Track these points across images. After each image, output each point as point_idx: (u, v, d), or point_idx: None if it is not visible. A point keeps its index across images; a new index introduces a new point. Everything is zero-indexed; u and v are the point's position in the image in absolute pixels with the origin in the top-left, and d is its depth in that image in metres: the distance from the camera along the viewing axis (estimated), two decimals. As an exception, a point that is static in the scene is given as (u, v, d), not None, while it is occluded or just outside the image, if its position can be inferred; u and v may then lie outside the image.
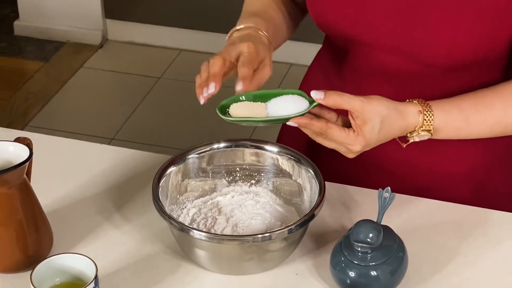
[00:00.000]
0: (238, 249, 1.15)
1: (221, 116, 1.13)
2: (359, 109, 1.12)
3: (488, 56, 1.25)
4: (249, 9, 1.35)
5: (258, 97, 1.15)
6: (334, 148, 1.16)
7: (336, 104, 1.12)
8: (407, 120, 1.18)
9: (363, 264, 1.12)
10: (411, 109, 1.18)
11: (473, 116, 1.22)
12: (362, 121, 1.13)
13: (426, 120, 1.19)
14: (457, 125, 1.22)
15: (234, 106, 1.14)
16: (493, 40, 1.23)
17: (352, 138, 1.13)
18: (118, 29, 3.46)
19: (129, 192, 1.34)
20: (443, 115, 1.20)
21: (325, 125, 1.12)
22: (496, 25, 1.22)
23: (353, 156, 1.17)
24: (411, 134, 1.20)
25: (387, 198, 1.18)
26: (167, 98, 3.15)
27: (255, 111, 1.13)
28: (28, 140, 1.18)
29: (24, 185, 1.16)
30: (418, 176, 1.36)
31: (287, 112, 1.12)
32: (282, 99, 1.14)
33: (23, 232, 1.17)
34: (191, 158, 1.27)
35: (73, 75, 3.28)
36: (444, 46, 1.22)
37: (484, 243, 1.24)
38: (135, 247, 1.23)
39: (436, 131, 1.20)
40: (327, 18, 1.30)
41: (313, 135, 1.14)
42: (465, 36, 1.21)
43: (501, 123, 1.23)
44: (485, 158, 1.36)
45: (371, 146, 1.16)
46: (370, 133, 1.14)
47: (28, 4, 3.46)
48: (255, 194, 1.28)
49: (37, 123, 3.00)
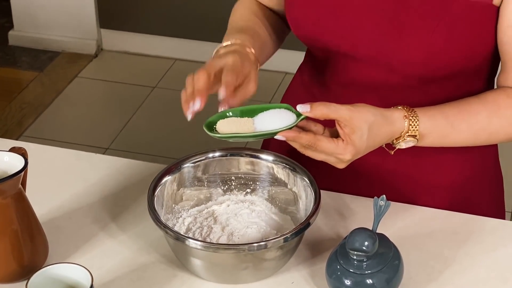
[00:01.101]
0: (234, 258, 1.15)
1: (208, 133, 1.13)
2: (347, 117, 1.13)
3: (466, 66, 1.26)
4: (234, 26, 1.35)
5: (245, 113, 1.16)
6: (324, 159, 1.15)
7: (324, 114, 1.12)
8: (393, 126, 1.18)
9: (359, 272, 1.12)
10: (397, 115, 1.19)
11: (458, 123, 1.23)
12: (350, 130, 1.13)
13: (412, 125, 1.19)
14: (442, 132, 1.22)
15: (221, 122, 1.14)
16: (469, 51, 1.23)
17: (341, 147, 1.13)
18: (113, 39, 3.47)
19: (124, 202, 1.34)
20: (428, 121, 1.21)
21: (314, 137, 1.12)
22: (473, 37, 1.22)
23: (343, 166, 1.16)
24: (397, 141, 1.20)
25: (383, 206, 1.18)
26: (161, 108, 3.16)
27: (242, 126, 1.13)
28: (23, 150, 1.18)
29: (19, 195, 1.16)
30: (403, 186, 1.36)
31: (274, 127, 1.12)
32: (269, 114, 1.15)
33: (18, 242, 1.16)
34: (186, 167, 1.27)
35: (68, 85, 3.29)
36: (420, 58, 1.23)
37: (479, 251, 1.25)
38: (130, 257, 1.23)
39: (422, 137, 1.21)
40: (306, 29, 1.30)
41: (302, 149, 1.14)
42: (441, 47, 1.22)
43: (485, 130, 1.24)
44: (463, 170, 1.37)
45: (360, 154, 1.16)
46: (359, 141, 1.14)
47: (23, 14, 3.47)
48: (251, 203, 1.28)
49: (32, 133, 3.00)
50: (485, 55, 1.26)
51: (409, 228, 1.28)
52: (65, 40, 3.46)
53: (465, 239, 1.27)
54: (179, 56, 3.42)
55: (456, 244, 1.26)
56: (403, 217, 1.30)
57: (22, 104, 3.17)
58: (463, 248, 1.25)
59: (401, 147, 1.21)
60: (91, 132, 3.01)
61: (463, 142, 1.25)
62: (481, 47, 1.24)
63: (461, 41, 1.22)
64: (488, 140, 1.26)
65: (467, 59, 1.24)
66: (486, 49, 1.25)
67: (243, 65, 1.20)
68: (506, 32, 1.22)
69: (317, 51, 1.35)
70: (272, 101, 3.08)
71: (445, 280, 1.20)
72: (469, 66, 1.26)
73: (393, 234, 1.22)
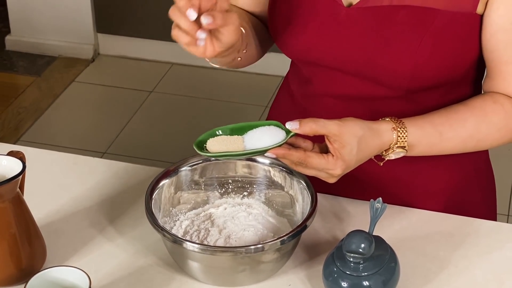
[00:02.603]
0: (231, 260, 1.15)
1: (198, 152, 1.14)
2: (337, 132, 1.13)
3: (453, 75, 1.26)
4: None
5: (234, 131, 1.16)
6: (315, 175, 1.16)
7: (313, 130, 1.13)
8: (382, 138, 1.19)
9: (356, 274, 1.12)
10: (385, 127, 1.19)
11: (446, 131, 1.23)
12: (340, 145, 1.14)
13: (400, 136, 1.20)
14: (431, 141, 1.23)
15: (211, 141, 1.15)
16: (455, 60, 1.24)
17: (332, 163, 1.14)
18: (109, 43, 3.47)
19: (122, 205, 1.34)
20: (416, 131, 1.21)
21: (304, 154, 1.13)
22: (458, 47, 1.23)
23: (334, 180, 1.17)
24: (387, 152, 1.21)
25: (379, 209, 1.19)
26: (159, 112, 3.16)
27: (232, 145, 1.14)
28: (21, 153, 1.19)
29: (17, 199, 1.16)
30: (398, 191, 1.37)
31: (264, 144, 1.13)
32: (259, 131, 1.15)
33: (16, 246, 1.17)
34: (184, 170, 1.28)
35: (65, 90, 3.29)
36: (407, 70, 1.23)
37: (475, 253, 1.25)
38: (128, 260, 1.24)
39: (411, 147, 1.22)
40: (289, 43, 1.30)
41: (292, 165, 1.15)
42: (427, 59, 1.22)
43: (473, 138, 1.25)
44: (455, 176, 1.38)
45: (350, 168, 1.17)
46: (349, 155, 1.14)
47: (20, 19, 3.47)
48: (248, 205, 1.29)
49: (29, 138, 3.00)
50: (470, 62, 1.26)
51: (405, 231, 1.29)
52: (62, 44, 3.47)
53: (461, 241, 1.27)
54: (176, 61, 3.42)
55: (452, 246, 1.26)
56: (399, 219, 1.31)
57: (19, 109, 3.18)
58: (459, 250, 1.26)
59: (390, 158, 1.22)
60: (89, 137, 3.01)
61: (452, 149, 1.26)
62: (467, 55, 1.25)
63: (447, 52, 1.23)
64: (476, 147, 1.27)
65: (454, 68, 1.25)
66: (472, 57, 1.26)
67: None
68: (490, 40, 1.22)
69: (302, 65, 1.35)
70: (268, 105, 3.09)
71: (441, 282, 1.20)
72: (456, 74, 1.27)
73: (389, 236, 1.22)
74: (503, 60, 1.23)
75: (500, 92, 1.26)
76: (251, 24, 1.36)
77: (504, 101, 1.25)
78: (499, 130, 1.25)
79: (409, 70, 1.23)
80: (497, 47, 1.22)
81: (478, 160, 1.41)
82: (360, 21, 1.24)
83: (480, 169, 1.42)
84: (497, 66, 1.24)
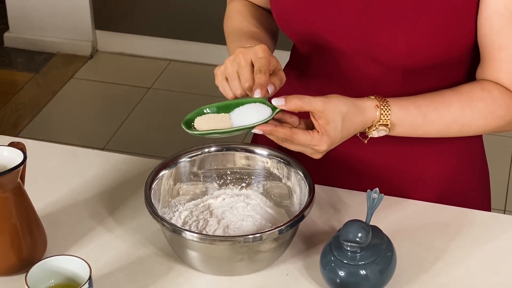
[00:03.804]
0: (230, 249, 1.16)
1: (186, 130, 1.16)
2: (321, 109, 1.15)
3: (447, 59, 1.28)
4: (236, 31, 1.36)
5: (221, 108, 1.18)
6: (301, 151, 1.18)
7: (298, 107, 1.15)
8: (366, 115, 1.21)
9: (353, 264, 1.14)
10: (368, 104, 1.21)
11: (430, 113, 1.24)
12: (325, 121, 1.16)
13: (383, 114, 1.21)
14: (414, 122, 1.24)
15: (198, 120, 1.17)
16: (452, 43, 1.26)
17: (317, 139, 1.16)
18: (108, 40, 3.48)
19: (121, 197, 1.35)
20: (400, 111, 1.23)
21: (290, 130, 1.15)
22: (454, 28, 1.24)
23: (319, 156, 1.19)
24: (370, 129, 1.23)
25: (376, 199, 1.20)
26: (157, 108, 3.17)
27: (220, 123, 1.16)
28: (22, 144, 1.20)
29: (18, 189, 1.17)
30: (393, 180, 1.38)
31: (251, 121, 1.15)
32: (245, 108, 1.17)
33: (17, 236, 1.18)
34: (183, 161, 1.29)
35: (64, 86, 3.30)
36: (403, 48, 1.25)
37: (470, 243, 1.27)
38: (127, 250, 1.25)
39: (393, 126, 1.23)
40: (290, 23, 1.32)
41: (279, 141, 1.17)
42: (424, 38, 1.24)
43: (457, 122, 1.26)
44: (450, 166, 1.39)
45: (335, 144, 1.19)
46: (333, 132, 1.16)
47: (18, 16, 3.48)
48: (246, 196, 1.30)
49: (28, 134, 3.01)
50: (466, 46, 1.28)
51: (401, 221, 1.30)
52: (61, 41, 3.48)
53: (456, 232, 1.29)
54: (174, 57, 3.43)
55: (448, 236, 1.28)
56: (395, 210, 1.32)
57: (18, 105, 3.18)
58: (455, 240, 1.27)
59: (373, 136, 1.23)
60: (87, 133, 3.02)
61: (435, 132, 1.27)
62: (463, 38, 1.26)
63: (443, 32, 1.24)
64: (461, 132, 1.28)
65: (449, 50, 1.26)
66: (467, 41, 1.27)
67: (271, 55, 1.21)
68: (485, 24, 1.24)
69: (302, 46, 1.37)
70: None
71: (437, 271, 1.21)
72: (451, 57, 1.28)
73: (386, 227, 1.23)
74: (495, 45, 1.24)
75: (490, 79, 1.27)
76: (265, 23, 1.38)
77: (493, 88, 1.26)
78: (485, 117, 1.26)
79: (404, 48, 1.24)
80: (491, 31, 1.24)
81: (473, 150, 1.42)
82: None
83: (474, 159, 1.43)
84: (490, 51, 1.25)
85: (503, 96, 1.26)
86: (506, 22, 1.22)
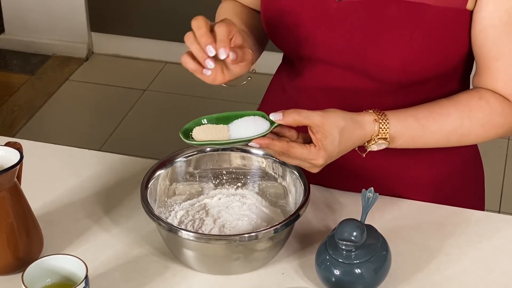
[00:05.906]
0: (225, 248, 1.17)
1: (184, 140, 1.16)
2: (319, 123, 1.15)
3: (442, 71, 1.28)
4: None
5: (220, 120, 1.18)
6: (298, 165, 1.18)
7: (296, 121, 1.15)
8: (364, 130, 1.21)
9: (348, 262, 1.14)
10: (367, 118, 1.21)
11: (429, 124, 1.25)
12: (322, 135, 1.16)
13: (382, 128, 1.22)
14: (414, 134, 1.24)
15: (197, 130, 1.17)
16: (445, 55, 1.26)
17: (314, 153, 1.16)
18: (103, 42, 3.49)
19: (117, 196, 1.36)
20: (398, 123, 1.23)
21: (287, 144, 1.15)
22: (448, 42, 1.25)
23: (317, 170, 1.19)
24: (369, 143, 1.23)
25: (371, 198, 1.21)
26: (152, 110, 3.17)
27: (217, 134, 1.16)
28: (18, 144, 1.20)
29: (14, 189, 1.18)
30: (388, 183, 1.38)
31: (249, 134, 1.15)
32: (244, 121, 1.17)
33: (14, 235, 1.18)
34: (179, 161, 1.30)
35: (59, 88, 3.30)
36: (397, 64, 1.25)
37: (465, 242, 1.27)
38: (123, 250, 1.25)
39: (393, 139, 1.23)
40: (282, 37, 1.32)
41: (276, 154, 1.17)
42: (417, 54, 1.24)
43: (457, 132, 1.26)
44: (444, 168, 1.40)
45: (333, 159, 1.19)
46: (331, 146, 1.16)
47: (14, 18, 3.48)
48: (242, 196, 1.31)
49: (23, 136, 3.01)
50: (460, 57, 1.28)
51: (396, 220, 1.31)
52: (56, 43, 3.48)
53: (451, 231, 1.29)
54: (169, 59, 3.44)
55: (442, 235, 1.28)
56: (390, 209, 1.33)
57: (13, 107, 3.18)
58: (449, 239, 1.28)
59: (373, 149, 1.24)
60: (82, 135, 3.02)
61: (435, 143, 1.28)
62: (456, 50, 1.27)
63: (437, 47, 1.24)
64: (459, 142, 1.28)
65: (443, 63, 1.27)
66: (461, 52, 1.27)
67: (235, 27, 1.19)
68: (479, 36, 1.24)
69: (295, 59, 1.37)
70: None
71: (431, 270, 1.22)
72: (445, 69, 1.28)
73: (380, 226, 1.24)
74: (491, 56, 1.25)
75: (487, 88, 1.28)
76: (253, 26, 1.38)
77: (490, 97, 1.27)
78: (483, 126, 1.26)
79: (399, 64, 1.25)
80: (486, 43, 1.24)
81: (467, 153, 1.43)
82: (351, 15, 1.26)
83: (468, 161, 1.44)
84: (486, 62, 1.26)
85: (500, 104, 1.26)
86: (501, 33, 1.23)
